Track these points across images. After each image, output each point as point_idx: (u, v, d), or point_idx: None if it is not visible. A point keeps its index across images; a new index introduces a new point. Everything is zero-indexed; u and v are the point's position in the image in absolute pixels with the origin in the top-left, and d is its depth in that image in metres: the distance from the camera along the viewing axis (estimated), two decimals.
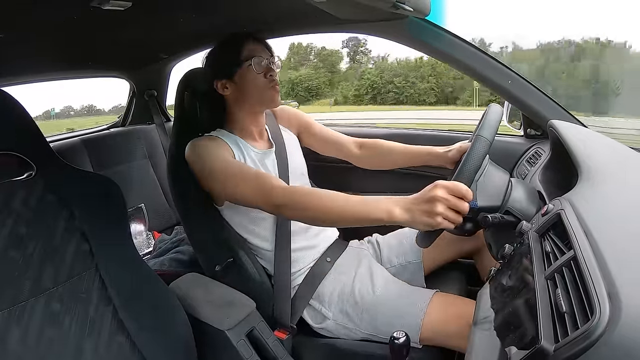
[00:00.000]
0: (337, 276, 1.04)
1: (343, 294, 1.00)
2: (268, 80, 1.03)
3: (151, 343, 0.79)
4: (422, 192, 0.74)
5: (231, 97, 1.06)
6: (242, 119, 1.07)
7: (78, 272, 0.74)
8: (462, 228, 0.82)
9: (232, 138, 1.05)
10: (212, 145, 0.99)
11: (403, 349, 0.69)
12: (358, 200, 0.80)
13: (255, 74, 1.01)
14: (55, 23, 0.97)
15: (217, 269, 1.00)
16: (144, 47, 1.56)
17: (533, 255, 0.55)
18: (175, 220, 1.92)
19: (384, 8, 0.90)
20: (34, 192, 0.72)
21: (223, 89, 1.04)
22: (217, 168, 0.95)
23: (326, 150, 1.25)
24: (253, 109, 1.07)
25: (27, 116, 0.74)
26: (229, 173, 0.94)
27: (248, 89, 1.03)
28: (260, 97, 1.04)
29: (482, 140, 0.78)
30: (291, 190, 0.89)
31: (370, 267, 1.06)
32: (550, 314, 0.44)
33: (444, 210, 0.71)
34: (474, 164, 0.76)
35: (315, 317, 1.03)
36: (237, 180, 0.92)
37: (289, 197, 0.86)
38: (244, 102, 1.05)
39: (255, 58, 1.01)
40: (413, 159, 1.14)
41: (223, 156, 0.97)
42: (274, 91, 1.04)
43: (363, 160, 1.22)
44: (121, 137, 1.89)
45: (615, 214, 0.59)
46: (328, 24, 1.31)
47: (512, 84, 1.20)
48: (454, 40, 1.19)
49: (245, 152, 1.04)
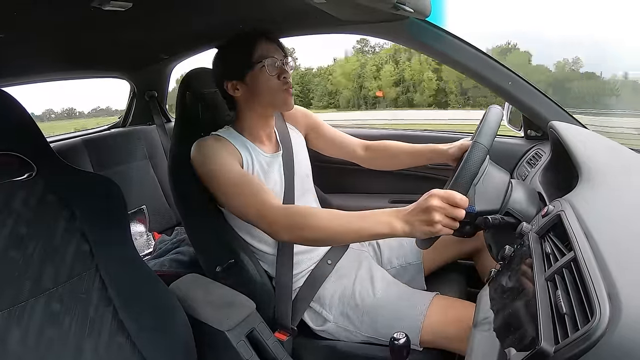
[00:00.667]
0: (338, 279, 1.04)
1: (344, 297, 1.00)
2: (281, 82, 0.98)
3: (151, 344, 0.79)
4: (419, 203, 0.75)
5: (242, 99, 1.02)
6: (252, 121, 1.04)
7: (78, 273, 0.74)
8: (461, 230, 0.83)
9: (240, 140, 1.02)
10: (218, 148, 0.96)
11: (403, 350, 0.69)
12: (358, 217, 0.80)
13: (268, 76, 0.97)
14: (56, 23, 0.97)
15: (217, 270, 1.00)
16: (144, 48, 1.56)
17: (533, 256, 0.55)
18: (175, 220, 1.92)
19: (384, 9, 0.90)
20: (34, 193, 0.71)
21: (234, 90, 1.00)
22: (219, 174, 0.93)
23: (333, 151, 1.24)
24: (265, 111, 1.03)
25: (27, 116, 0.74)
26: (229, 183, 0.92)
27: (260, 91, 0.98)
28: (273, 99, 1.00)
29: (479, 148, 0.78)
30: (291, 210, 0.87)
31: (370, 270, 1.06)
32: (551, 315, 0.44)
33: (442, 219, 0.72)
34: (471, 171, 0.76)
35: (315, 320, 1.03)
36: (237, 193, 0.91)
37: (289, 217, 0.84)
38: (255, 104, 1.01)
39: (268, 59, 0.96)
40: (417, 158, 1.14)
41: (227, 163, 0.94)
42: (287, 94, 1.00)
43: (370, 162, 1.22)
44: (122, 137, 1.89)
45: (616, 215, 0.59)
46: (328, 25, 1.31)
47: (513, 85, 1.20)
48: (455, 42, 1.19)
49: (254, 156, 1.01)
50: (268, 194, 0.89)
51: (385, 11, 0.94)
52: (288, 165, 1.08)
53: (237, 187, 0.91)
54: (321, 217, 0.82)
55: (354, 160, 1.24)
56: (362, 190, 1.65)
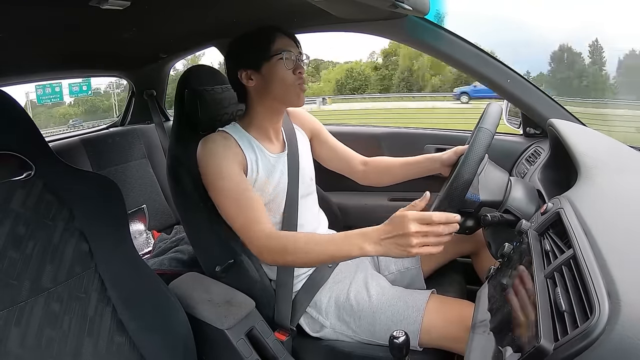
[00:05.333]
0: (334, 285, 1.04)
1: (339, 302, 1.00)
2: (296, 77, 0.98)
3: (151, 343, 0.79)
4: (393, 226, 0.74)
5: (254, 90, 1.01)
6: (261, 115, 1.03)
7: (77, 272, 0.74)
8: (463, 226, 0.82)
9: (246, 138, 1.01)
10: (224, 149, 0.95)
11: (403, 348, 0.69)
12: (328, 240, 0.83)
13: (285, 69, 0.97)
14: (54, 23, 0.97)
15: (217, 270, 1.00)
16: (142, 47, 1.56)
17: (532, 254, 0.56)
18: (174, 219, 1.92)
19: (383, 7, 0.90)
20: (33, 192, 0.71)
21: (247, 80, 1.00)
22: (218, 179, 0.94)
23: (333, 163, 1.23)
24: (275, 105, 1.02)
25: (27, 116, 0.73)
26: (225, 194, 0.93)
27: (274, 83, 0.98)
28: (286, 93, 0.99)
29: (484, 131, 0.77)
30: (273, 236, 0.89)
31: (366, 275, 1.05)
32: (550, 312, 0.44)
33: (420, 241, 0.71)
34: (478, 154, 0.75)
35: (313, 325, 1.02)
36: (231, 205, 0.93)
37: (272, 242, 0.87)
38: (267, 96, 1.00)
39: (286, 52, 0.97)
40: (411, 170, 1.13)
41: (229, 168, 0.94)
42: (300, 89, 1.00)
43: (364, 178, 1.21)
44: (120, 136, 1.89)
45: (615, 213, 0.59)
46: (327, 23, 1.31)
47: (511, 83, 1.20)
48: (453, 39, 1.19)
49: (259, 156, 1.00)
50: (260, 214, 0.91)
51: (384, 9, 0.94)
52: (293, 166, 1.07)
53: (232, 199, 0.92)
54: (300, 244, 0.84)
55: (350, 176, 1.23)
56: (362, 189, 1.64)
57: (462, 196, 0.75)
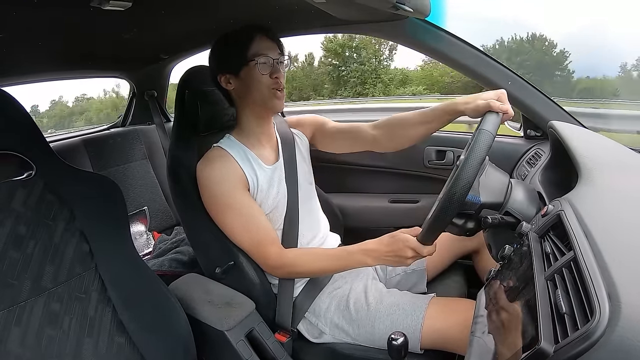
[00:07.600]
0: (334, 290, 1.04)
1: (338, 309, 1.00)
2: (272, 82, 0.96)
3: (151, 343, 0.79)
4: (393, 249, 0.86)
5: (235, 94, 1.00)
6: (249, 120, 1.02)
7: (78, 273, 0.74)
8: (464, 227, 0.82)
9: (242, 152, 1.00)
10: (221, 171, 0.95)
11: (401, 350, 0.69)
12: (333, 256, 0.95)
13: (259, 74, 0.95)
14: (55, 23, 0.97)
15: (217, 271, 1.00)
16: (144, 48, 1.56)
17: (533, 256, 0.55)
18: (175, 220, 1.92)
19: (384, 9, 0.90)
20: (34, 192, 0.71)
21: (226, 83, 0.99)
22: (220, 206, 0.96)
23: (343, 145, 1.14)
24: (257, 110, 1.01)
25: (27, 116, 0.73)
26: (230, 218, 0.96)
27: (252, 88, 0.96)
28: (263, 98, 0.97)
29: (485, 134, 0.77)
30: (282, 254, 0.96)
31: (366, 282, 1.05)
32: (550, 314, 0.43)
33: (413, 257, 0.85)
34: (479, 156, 0.75)
35: (312, 331, 1.02)
36: (238, 228, 0.96)
37: (285, 260, 0.95)
38: (248, 100, 0.99)
39: (261, 57, 0.94)
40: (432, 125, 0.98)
41: (230, 192, 0.95)
42: (276, 94, 0.97)
43: (382, 143, 1.07)
44: (121, 137, 1.89)
45: (616, 215, 0.59)
46: (328, 25, 1.31)
47: (512, 85, 1.20)
48: (454, 41, 1.19)
49: (257, 171, 0.99)
50: (267, 234, 0.97)
51: (385, 11, 0.94)
52: (291, 172, 1.06)
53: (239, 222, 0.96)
54: (307, 261, 0.95)
55: (365, 147, 1.11)
56: (362, 190, 1.65)
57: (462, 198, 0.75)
